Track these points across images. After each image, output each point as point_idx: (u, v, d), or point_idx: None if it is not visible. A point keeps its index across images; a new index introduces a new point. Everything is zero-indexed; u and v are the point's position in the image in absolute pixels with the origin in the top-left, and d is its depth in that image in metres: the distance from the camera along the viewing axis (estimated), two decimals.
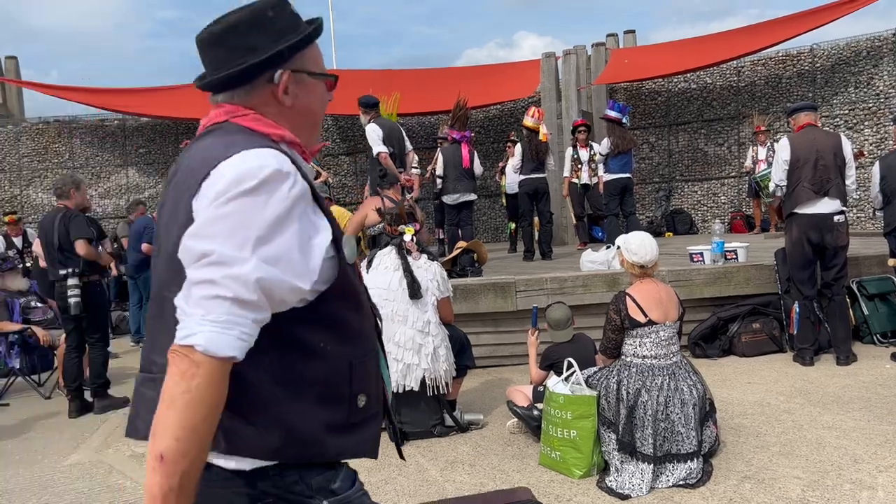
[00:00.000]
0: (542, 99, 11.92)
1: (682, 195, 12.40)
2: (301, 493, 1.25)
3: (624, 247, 3.88)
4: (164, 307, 1.23)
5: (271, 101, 1.34)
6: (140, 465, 4.38)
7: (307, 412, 1.24)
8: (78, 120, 13.57)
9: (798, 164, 5.52)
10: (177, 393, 1.08)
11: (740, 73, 11.86)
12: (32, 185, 13.22)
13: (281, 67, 1.32)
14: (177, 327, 1.12)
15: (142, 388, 1.29)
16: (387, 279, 4.44)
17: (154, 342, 1.29)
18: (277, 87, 1.33)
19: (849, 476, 3.44)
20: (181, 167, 1.32)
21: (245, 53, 1.30)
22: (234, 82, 1.32)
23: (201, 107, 8.29)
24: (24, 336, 6.58)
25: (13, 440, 5.14)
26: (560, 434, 3.71)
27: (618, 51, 12.66)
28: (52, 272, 5.63)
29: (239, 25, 1.31)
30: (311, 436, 1.25)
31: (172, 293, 1.17)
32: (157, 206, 1.45)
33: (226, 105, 1.34)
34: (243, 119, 1.31)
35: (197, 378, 1.08)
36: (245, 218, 1.14)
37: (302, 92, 1.36)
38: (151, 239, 8.72)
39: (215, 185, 1.16)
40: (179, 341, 1.10)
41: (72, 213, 5.64)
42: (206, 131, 1.35)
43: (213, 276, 1.11)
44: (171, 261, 1.21)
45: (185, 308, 1.12)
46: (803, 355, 5.62)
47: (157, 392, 1.13)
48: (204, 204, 1.16)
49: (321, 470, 1.28)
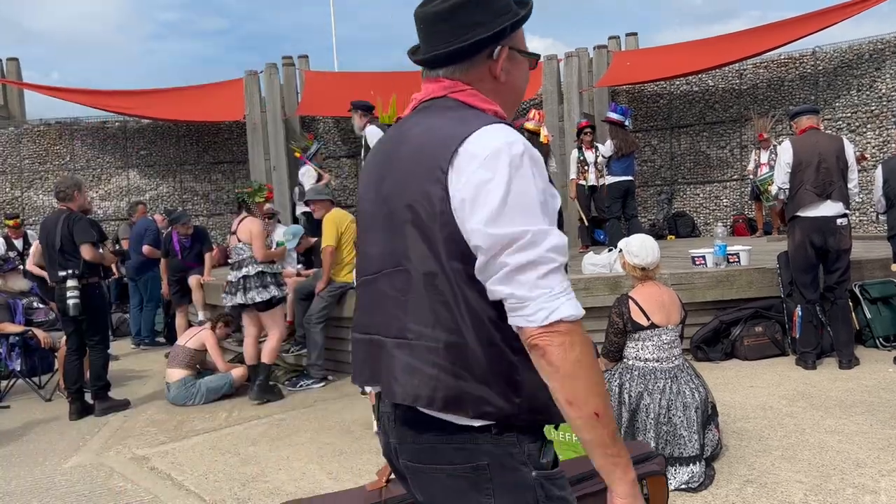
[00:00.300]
0: (544, 101, 11.92)
1: (684, 198, 12.38)
2: (516, 458, 1.32)
3: (625, 249, 3.87)
4: (414, 281, 1.32)
5: (487, 76, 1.42)
6: (140, 468, 4.38)
7: (537, 379, 1.30)
8: (79, 122, 13.57)
9: (800, 167, 5.51)
10: (571, 363, 1.21)
11: (742, 75, 11.84)
12: (33, 186, 13.22)
13: (499, 44, 1.40)
14: (520, 313, 1.22)
15: (394, 351, 1.36)
16: None
17: (404, 312, 1.34)
18: (495, 62, 1.41)
19: (851, 480, 3.43)
20: (405, 142, 1.40)
21: (469, 29, 1.37)
22: (459, 56, 1.40)
23: (203, 109, 8.34)
24: (25, 338, 6.58)
25: (14, 442, 5.13)
26: (560, 437, 3.69)
27: (620, 53, 12.64)
28: (52, 274, 5.62)
29: (466, 3, 1.37)
30: (542, 402, 1.32)
31: (421, 265, 1.30)
32: (367, 182, 1.51)
33: (444, 80, 1.42)
34: (461, 94, 1.40)
35: (576, 345, 1.22)
36: (526, 193, 1.24)
37: (514, 69, 1.45)
38: (152, 241, 8.73)
39: (475, 164, 1.25)
40: (543, 322, 1.20)
41: (76, 215, 5.64)
42: (423, 106, 1.44)
43: (535, 255, 1.21)
44: (420, 232, 1.30)
45: (523, 294, 1.21)
46: (806, 359, 5.60)
47: (413, 357, 1.31)
48: (468, 184, 1.25)
49: (533, 439, 1.35)
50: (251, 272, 5.74)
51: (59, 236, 5.50)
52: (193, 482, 4.06)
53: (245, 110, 12.42)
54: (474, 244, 1.25)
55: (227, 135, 13.56)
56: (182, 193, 13.56)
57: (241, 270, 5.78)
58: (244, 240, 5.83)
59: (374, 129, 7.48)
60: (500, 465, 1.31)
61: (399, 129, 1.47)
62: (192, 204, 13.43)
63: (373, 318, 1.43)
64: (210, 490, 3.91)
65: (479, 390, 1.29)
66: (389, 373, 1.36)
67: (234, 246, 5.93)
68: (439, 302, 1.29)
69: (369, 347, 1.44)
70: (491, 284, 1.24)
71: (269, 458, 4.38)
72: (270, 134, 12.34)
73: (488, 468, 1.31)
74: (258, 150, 12.38)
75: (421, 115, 1.43)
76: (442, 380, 1.29)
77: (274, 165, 12.26)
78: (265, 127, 12.37)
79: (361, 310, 1.50)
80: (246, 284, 5.72)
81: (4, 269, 7.12)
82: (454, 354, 1.29)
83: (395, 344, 1.36)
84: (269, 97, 12.44)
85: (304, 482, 3.94)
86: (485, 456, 1.31)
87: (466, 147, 1.27)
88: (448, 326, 1.29)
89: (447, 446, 1.33)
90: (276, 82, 12.48)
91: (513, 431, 1.32)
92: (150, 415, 5.68)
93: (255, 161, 12.40)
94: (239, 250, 5.86)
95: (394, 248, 1.36)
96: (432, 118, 1.38)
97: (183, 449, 4.72)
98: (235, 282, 5.77)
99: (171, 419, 5.50)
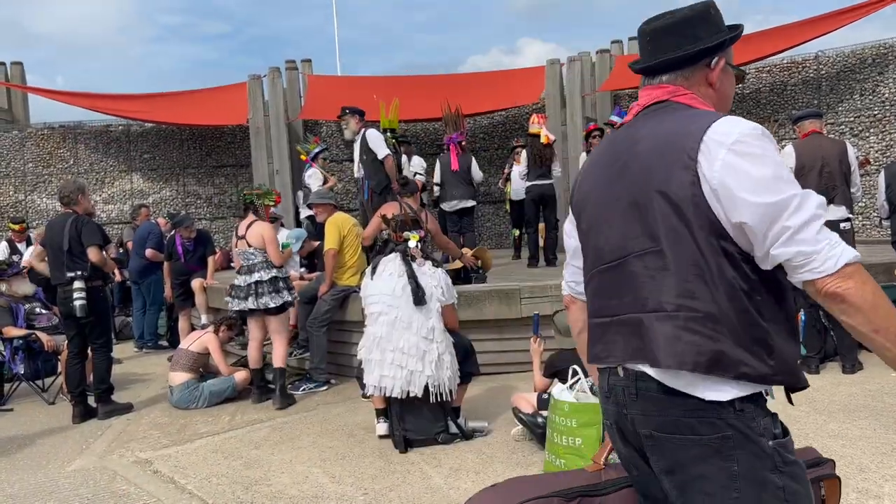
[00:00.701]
0: (547, 106, 11.94)
1: None
2: (755, 430, 1.45)
3: None
4: (668, 259, 1.48)
5: (703, 83, 1.65)
6: (143, 471, 4.38)
7: (787, 344, 1.48)
8: (82, 125, 13.60)
9: (803, 171, 5.52)
10: (871, 296, 1.36)
11: (744, 80, 11.84)
12: (37, 190, 13.25)
13: (717, 55, 1.64)
14: (807, 268, 1.37)
15: (655, 324, 1.50)
16: (391, 285, 4.44)
17: (660, 288, 1.50)
18: (712, 71, 1.64)
19: (855, 485, 3.42)
20: (641, 141, 1.58)
21: (694, 41, 1.61)
22: (684, 63, 1.63)
23: (206, 112, 8.38)
24: (29, 341, 6.59)
25: (17, 445, 5.14)
26: (565, 442, 3.69)
27: (622, 57, 12.64)
28: (57, 276, 5.63)
29: (691, 19, 1.62)
30: (792, 365, 1.50)
31: (675, 243, 1.47)
32: (594, 181, 1.71)
33: (668, 85, 1.64)
34: (684, 97, 1.62)
35: (867, 280, 1.38)
36: (780, 164, 1.44)
37: (725, 79, 1.67)
38: (155, 244, 8.75)
39: (723, 150, 1.43)
40: (833, 270, 1.35)
41: (83, 218, 5.68)
42: (651, 109, 1.64)
43: (808, 214, 1.38)
44: (673, 214, 1.47)
45: (809, 249, 1.36)
46: (809, 363, 5.59)
47: (675, 327, 1.46)
48: (724, 167, 1.42)
49: (765, 414, 1.49)
50: (264, 277, 5.72)
51: (66, 238, 5.52)
52: (196, 485, 4.06)
53: (248, 114, 12.45)
54: (742, 220, 1.41)
55: (230, 138, 13.59)
56: (185, 197, 13.59)
57: (252, 275, 5.74)
58: (255, 245, 5.79)
59: (374, 133, 7.50)
60: (743, 435, 1.44)
61: (629, 130, 1.66)
62: (195, 207, 13.45)
63: (621, 300, 1.59)
64: (213, 493, 3.91)
65: (737, 354, 1.43)
66: (650, 344, 1.50)
67: (242, 251, 5.87)
68: (695, 276, 1.45)
69: (618, 328, 1.60)
70: (774, 249, 1.39)
71: (271, 462, 4.38)
72: (273, 138, 12.37)
73: (732, 438, 1.44)
74: (261, 153, 12.41)
75: (649, 116, 1.63)
76: (704, 345, 1.43)
77: (277, 169, 12.29)
78: (268, 131, 12.40)
79: (600, 296, 1.66)
80: (258, 289, 5.70)
81: (8, 273, 7.13)
82: (713, 322, 1.44)
83: (655, 317, 1.50)
84: (272, 101, 12.48)
85: (307, 486, 3.94)
86: (729, 428, 1.44)
87: (710, 136, 1.45)
88: (705, 297, 1.44)
89: (693, 419, 1.46)
90: (280, 86, 12.51)
91: (751, 404, 1.46)
92: (152, 418, 5.69)
93: (259, 165, 12.43)
94: (249, 255, 5.82)
95: (641, 232, 1.54)
96: (663, 118, 1.59)
97: (186, 452, 4.72)
98: (245, 287, 5.75)
99: (173, 422, 5.50)
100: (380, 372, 4.38)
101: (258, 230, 5.83)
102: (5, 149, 13.20)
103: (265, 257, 5.79)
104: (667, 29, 1.64)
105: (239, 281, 5.83)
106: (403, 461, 4.25)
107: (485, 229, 13.28)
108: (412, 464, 4.19)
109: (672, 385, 1.48)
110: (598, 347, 1.67)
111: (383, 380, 4.37)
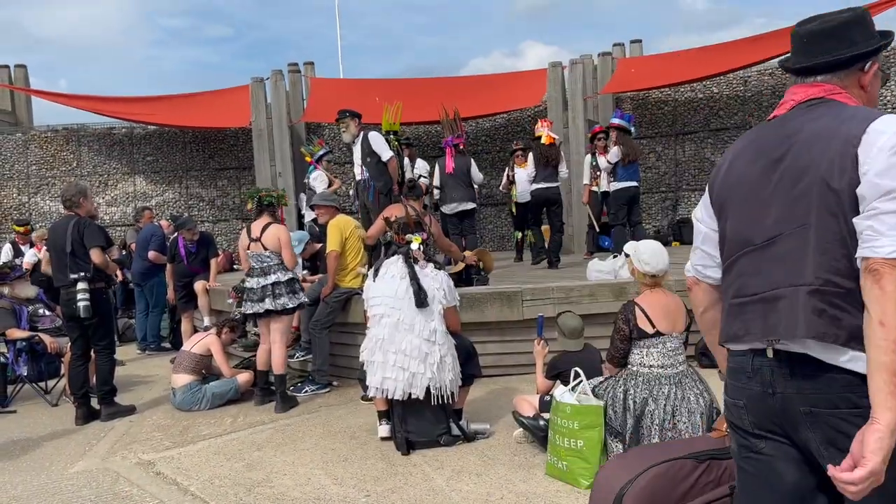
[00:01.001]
0: (549, 108, 11.95)
1: (688, 204, 12.37)
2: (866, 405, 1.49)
3: (634, 256, 3.87)
4: (817, 238, 1.59)
5: (855, 85, 1.76)
6: (146, 473, 4.39)
7: None
8: (86, 128, 13.63)
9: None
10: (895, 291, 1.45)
11: (747, 82, 11.85)
12: (40, 192, 13.28)
13: (871, 59, 1.75)
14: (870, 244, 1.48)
15: (802, 298, 1.60)
16: (393, 287, 4.45)
17: (807, 264, 1.61)
18: (865, 74, 1.76)
19: None
20: (800, 132, 1.69)
21: (850, 45, 1.72)
22: (840, 65, 1.74)
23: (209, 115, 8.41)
24: (32, 343, 6.60)
25: (20, 447, 5.15)
26: (567, 444, 3.70)
27: (624, 60, 12.66)
28: (60, 278, 5.64)
29: (850, 23, 1.73)
30: None
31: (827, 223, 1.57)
32: (745, 168, 1.80)
33: (824, 84, 1.75)
34: (839, 96, 1.72)
35: None
36: None
37: (875, 82, 1.78)
38: (158, 246, 8.77)
39: (884, 138, 1.53)
40: (887, 255, 1.46)
41: (86, 220, 5.69)
42: (807, 105, 1.74)
43: None
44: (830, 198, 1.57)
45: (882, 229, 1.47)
46: None
47: (821, 301, 1.56)
48: (876, 152, 1.52)
49: None
50: (282, 279, 5.74)
51: (69, 240, 5.54)
52: (199, 487, 4.07)
53: (251, 117, 12.48)
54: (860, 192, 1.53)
55: (232, 141, 13.61)
56: (188, 199, 13.61)
57: (267, 277, 5.73)
58: (272, 247, 5.78)
59: (376, 135, 7.52)
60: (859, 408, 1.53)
61: (783, 123, 1.76)
62: (197, 210, 13.48)
63: (769, 277, 1.69)
64: (215, 495, 3.92)
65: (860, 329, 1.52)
66: (794, 317, 1.61)
67: (257, 253, 5.83)
68: (842, 254, 1.56)
69: (758, 305, 1.70)
70: (858, 218, 1.52)
71: (274, 464, 4.39)
72: (276, 140, 12.40)
73: None
74: (264, 156, 12.44)
75: (806, 111, 1.73)
76: (845, 319, 1.55)
77: (279, 171, 12.31)
78: (271, 133, 12.42)
79: (743, 275, 1.75)
80: (275, 291, 5.71)
81: (12, 276, 7.15)
82: (853, 297, 1.54)
83: (804, 291, 1.61)
84: (274, 104, 12.51)
85: (309, 487, 3.95)
86: (865, 401, 1.50)
87: (874, 126, 1.56)
88: (849, 274, 1.55)
89: (851, 394, 1.56)
90: (282, 89, 12.54)
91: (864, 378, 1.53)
92: (155, 420, 5.70)
93: (261, 167, 12.45)
94: (265, 258, 5.79)
95: (796, 215, 1.64)
96: (824, 112, 1.69)
97: (188, 454, 4.73)
98: (259, 289, 5.74)
99: (176, 424, 5.51)
100: (382, 374, 4.39)
101: (275, 233, 5.83)
102: (9, 151, 13.24)
103: (280, 260, 5.80)
104: (824, 32, 1.75)
105: (252, 283, 5.80)
106: (405, 463, 4.25)
107: (486, 231, 13.29)
108: (414, 466, 4.19)
109: (830, 361, 1.58)
110: (736, 325, 1.76)
111: (385, 382, 4.38)
